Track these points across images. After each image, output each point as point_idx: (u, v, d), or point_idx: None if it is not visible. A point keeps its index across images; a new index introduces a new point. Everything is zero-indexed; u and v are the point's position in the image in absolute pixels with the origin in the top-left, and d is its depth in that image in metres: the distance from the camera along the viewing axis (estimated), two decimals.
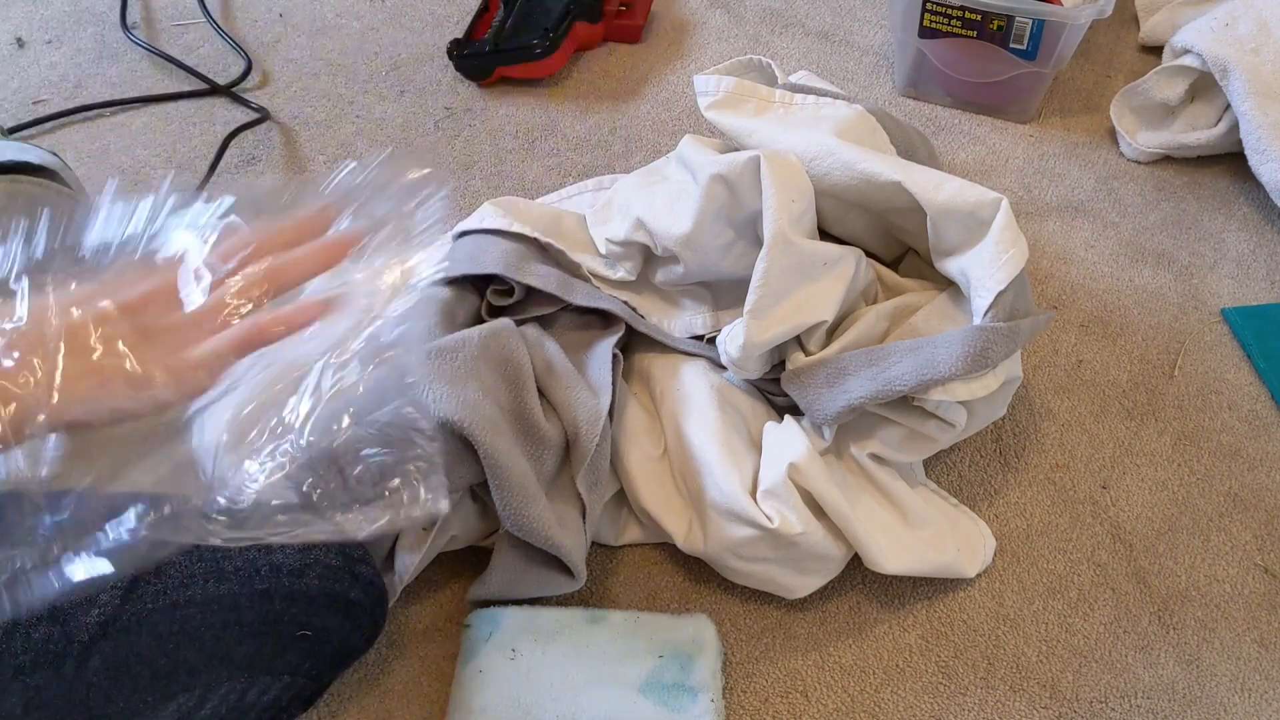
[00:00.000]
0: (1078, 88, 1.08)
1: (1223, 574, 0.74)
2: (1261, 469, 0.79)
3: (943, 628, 0.72)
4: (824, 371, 0.72)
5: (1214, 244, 0.94)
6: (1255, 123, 0.91)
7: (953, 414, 0.70)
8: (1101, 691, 0.69)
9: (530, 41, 1.07)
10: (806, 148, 0.77)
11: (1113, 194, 0.99)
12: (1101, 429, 0.82)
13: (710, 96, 0.84)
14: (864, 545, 0.69)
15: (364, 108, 1.10)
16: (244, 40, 1.18)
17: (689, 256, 0.77)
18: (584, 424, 0.70)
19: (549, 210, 0.86)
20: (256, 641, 0.59)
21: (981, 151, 1.03)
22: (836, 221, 0.82)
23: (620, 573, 0.75)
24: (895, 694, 0.69)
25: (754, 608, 0.73)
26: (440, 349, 0.69)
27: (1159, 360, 0.86)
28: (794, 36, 1.15)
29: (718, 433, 0.72)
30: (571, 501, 0.71)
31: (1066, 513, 0.77)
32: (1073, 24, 0.93)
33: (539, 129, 1.06)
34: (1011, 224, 0.71)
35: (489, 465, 0.64)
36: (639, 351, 0.82)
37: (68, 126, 1.09)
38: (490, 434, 0.65)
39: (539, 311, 0.79)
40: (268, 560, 0.60)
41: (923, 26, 1.00)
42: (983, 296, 0.70)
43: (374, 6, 1.22)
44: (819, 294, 0.73)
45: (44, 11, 1.23)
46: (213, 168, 1.01)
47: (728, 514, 0.69)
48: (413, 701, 0.69)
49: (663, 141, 1.05)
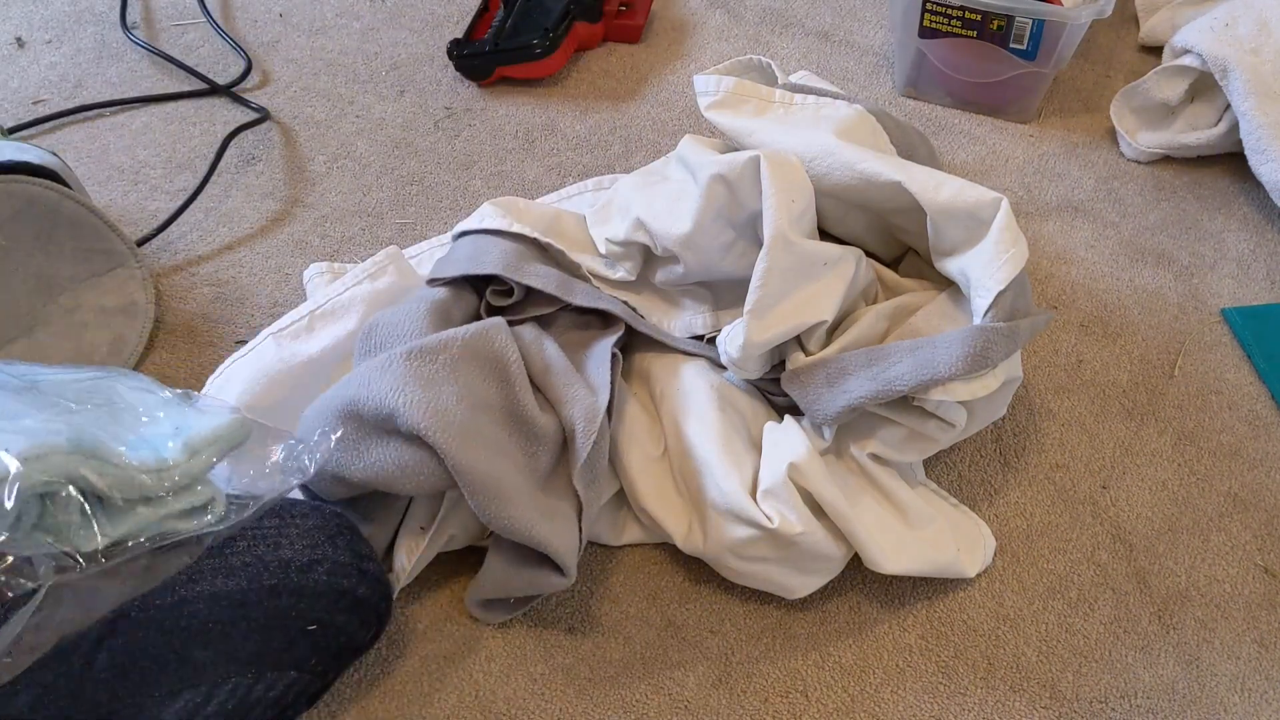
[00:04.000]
0: (1078, 88, 1.08)
1: (1223, 574, 0.74)
2: (1261, 469, 0.79)
3: (943, 628, 0.72)
4: (824, 371, 0.72)
5: (1214, 244, 0.94)
6: (1255, 123, 0.91)
7: (953, 414, 0.70)
8: (1101, 691, 0.69)
9: (530, 41, 1.07)
10: (806, 148, 0.77)
11: (1113, 194, 0.99)
12: (1101, 429, 0.82)
13: (710, 96, 0.84)
14: (864, 545, 0.69)
15: (364, 108, 1.10)
16: (244, 40, 1.18)
17: (689, 256, 0.77)
18: (581, 421, 0.70)
19: (549, 210, 0.86)
20: (264, 637, 0.60)
21: (981, 151, 1.03)
22: (836, 221, 0.82)
23: (620, 573, 0.75)
24: (895, 694, 0.69)
25: (754, 608, 0.73)
26: (421, 350, 0.69)
27: (1159, 360, 0.86)
28: (794, 36, 1.15)
29: (718, 433, 0.72)
30: (568, 498, 0.70)
31: (1066, 513, 0.77)
32: (1073, 24, 0.93)
33: (539, 129, 1.07)
34: (1011, 224, 0.71)
35: (455, 472, 0.64)
36: (639, 351, 0.82)
37: (68, 126, 1.09)
38: (455, 440, 0.64)
39: (538, 311, 0.79)
40: (276, 556, 0.60)
41: (923, 26, 1.00)
42: (983, 296, 0.70)
43: (374, 6, 1.22)
44: (819, 294, 0.73)
45: (44, 11, 1.23)
46: (213, 168, 1.01)
47: (728, 514, 0.69)
48: (413, 701, 0.69)
49: (663, 141, 1.05)
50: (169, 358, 0.88)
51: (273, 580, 0.59)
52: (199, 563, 0.58)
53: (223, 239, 0.97)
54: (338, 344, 0.77)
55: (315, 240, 0.97)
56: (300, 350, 0.77)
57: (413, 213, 0.99)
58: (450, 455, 0.64)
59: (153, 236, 0.96)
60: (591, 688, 0.70)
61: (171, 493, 0.53)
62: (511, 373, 0.71)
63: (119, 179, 1.03)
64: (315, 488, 0.68)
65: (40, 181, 0.82)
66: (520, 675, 0.71)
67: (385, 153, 1.05)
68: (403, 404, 0.64)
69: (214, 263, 0.96)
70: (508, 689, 0.70)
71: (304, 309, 0.79)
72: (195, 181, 1.01)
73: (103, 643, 0.54)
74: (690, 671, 0.71)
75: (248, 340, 0.79)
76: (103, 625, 0.54)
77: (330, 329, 0.78)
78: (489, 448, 0.66)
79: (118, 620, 0.55)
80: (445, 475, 0.65)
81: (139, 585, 0.54)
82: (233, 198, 1.01)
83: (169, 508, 0.54)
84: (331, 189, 1.02)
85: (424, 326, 0.73)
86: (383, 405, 0.65)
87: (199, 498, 0.55)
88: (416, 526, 0.71)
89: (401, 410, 0.64)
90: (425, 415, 0.64)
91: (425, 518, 0.71)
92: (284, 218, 0.99)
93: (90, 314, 0.86)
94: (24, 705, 0.53)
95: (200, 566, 0.58)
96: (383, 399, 0.65)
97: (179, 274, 0.95)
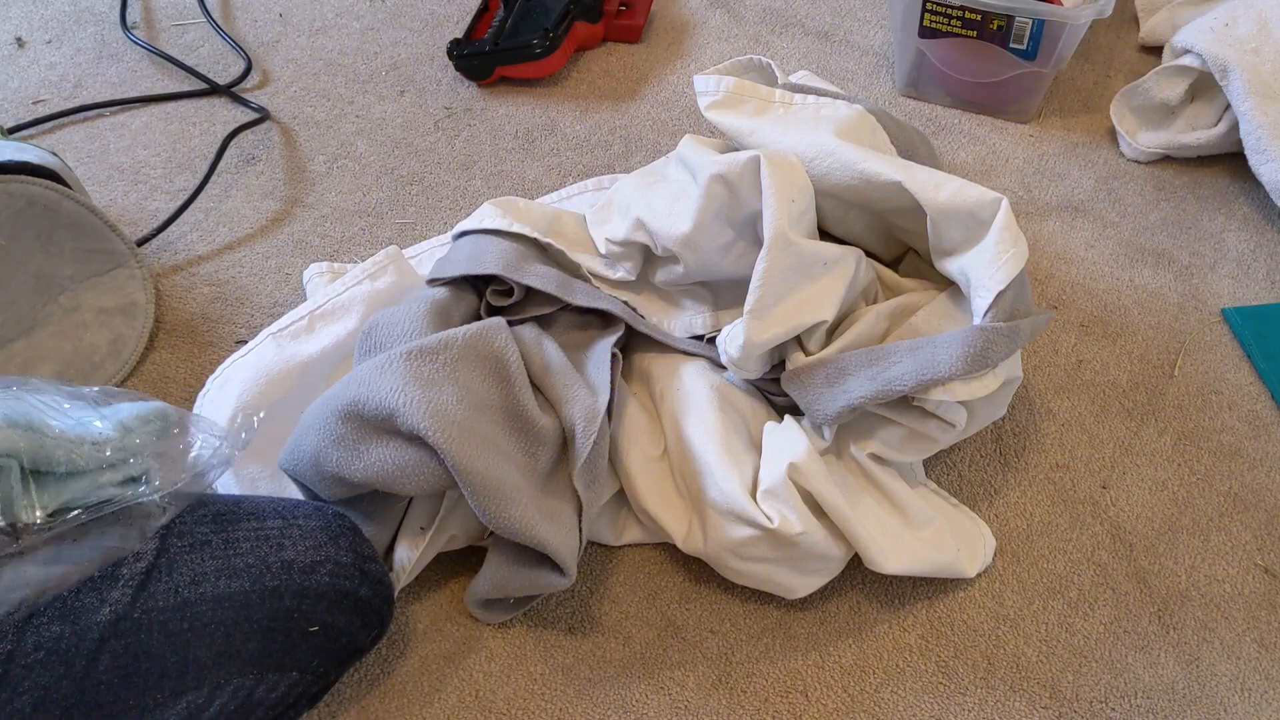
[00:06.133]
0: (1078, 88, 1.08)
1: (1223, 574, 0.74)
2: (1261, 469, 0.79)
3: (943, 628, 0.72)
4: (824, 371, 0.72)
5: (1214, 244, 0.94)
6: (1255, 123, 0.91)
7: (953, 414, 0.70)
8: (1101, 691, 0.69)
9: (530, 41, 1.07)
10: (806, 148, 0.77)
11: (1113, 194, 0.99)
12: (1101, 429, 0.82)
13: (710, 96, 0.84)
14: (864, 545, 0.69)
15: (364, 108, 1.10)
16: (244, 40, 1.18)
17: (689, 256, 0.77)
18: (580, 421, 0.70)
19: (549, 210, 0.86)
20: (266, 638, 0.60)
21: (981, 151, 1.03)
22: (837, 221, 0.82)
23: (620, 573, 0.75)
24: (895, 694, 0.69)
25: (754, 608, 0.73)
26: (421, 350, 0.69)
27: (1159, 360, 0.86)
28: (794, 36, 1.15)
29: (718, 433, 0.72)
30: (568, 498, 0.70)
31: (1066, 513, 0.77)
32: (1073, 24, 0.93)
33: (539, 129, 1.07)
34: (1011, 224, 0.71)
35: (455, 472, 0.64)
36: (639, 351, 0.82)
37: (68, 126, 1.09)
38: (457, 441, 0.64)
39: (538, 311, 0.79)
40: (279, 557, 0.60)
41: (923, 26, 1.00)
42: (983, 296, 0.70)
43: (374, 6, 1.22)
44: (819, 294, 0.73)
45: (44, 11, 1.23)
46: (213, 168, 1.01)
47: (728, 514, 0.69)
48: (413, 701, 0.69)
49: (663, 141, 1.05)
50: (169, 358, 0.88)
51: (275, 582, 0.59)
52: (202, 564, 0.58)
53: (223, 239, 0.97)
54: (338, 344, 0.77)
55: (315, 240, 0.97)
56: (300, 350, 0.77)
57: (413, 213, 0.99)
58: (450, 455, 0.64)
59: (153, 236, 0.96)
60: (591, 688, 0.70)
61: (108, 466, 0.55)
62: (511, 373, 0.71)
63: (119, 179, 1.03)
64: (315, 488, 0.68)
65: (40, 181, 0.82)
66: (520, 675, 0.71)
67: (385, 153, 1.05)
68: (403, 404, 0.64)
69: (214, 263, 0.96)
70: (508, 689, 0.70)
71: (304, 309, 0.79)
72: (195, 181, 1.01)
73: (105, 645, 0.54)
74: (690, 671, 0.71)
75: (248, 340, 0.79)
76: (105, 627, 0.54)
77: (330, 329, 0.78)
78: (489, 448, 0.66)
79: (120, 622, 0.55)
80: (445, 475, 0.65)
81: (80, 569, 0.55)
82: (233, 198, 1.01)
83: (105, 477, 0.55)
84: (331, 189, 1.02)
85: (424, 326, 0.73)
86: (383, 405, 0.65)
87: (134, 469, 0.56)
88: (416, 526, 0.71)
89: (401, 410, 0.64)
90: (425, 415, 0.64)
91: (425, 518, 0.71)
92: (284, 218, 0.99)
93: (90, 314, 0.86)
94: (25, 708, 0.53)
95: (203, 568, 0.58)
96: (383, 399, 0.65)
97: (179, 274, 0.95)
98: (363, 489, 0.67)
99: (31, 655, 0.53)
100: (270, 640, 0.60)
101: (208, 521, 0.60)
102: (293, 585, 0.60)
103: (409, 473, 0.65)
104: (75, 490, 0.54)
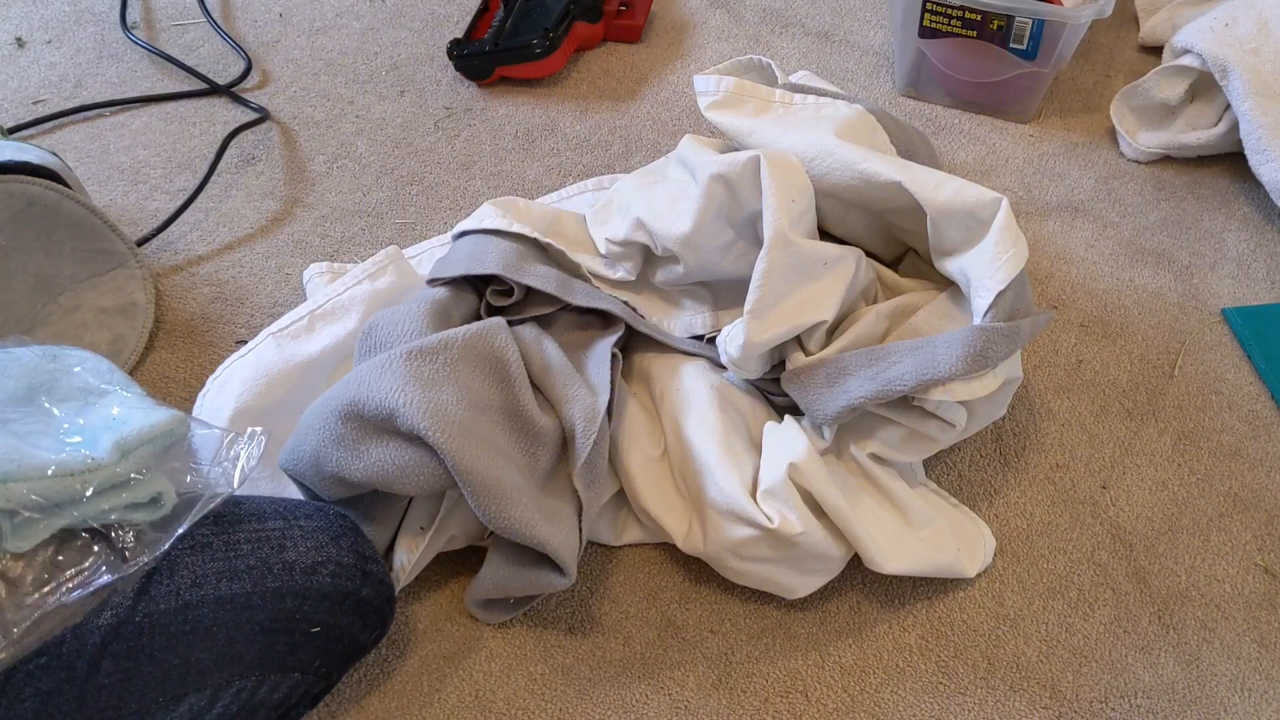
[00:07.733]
0: (1078, 88, 1.08)
1: (1223, 574, 0.74)
2: (1261, 469, 0.79)
3: (943, 628, 0.72)
4: (824, 371, 0.72)
5: (1214, 244, 0.94)
6: (1255, 123, 0.91)
7: (953, 414, 0.70)
8: (1101, 691, 0.69)
9: (530, 41, 1.07)
10: (806, 148, 0.77)
11: (1113, 194, 0.99)
12: (1101, 429, 0.82)
13: (710, 96, 0.84)
14: (864, 545, 0.69)
15: (364, 108, 1.10)
16: (244, 40, 1.18)
17: (689, 256, 0.77)
18: (580, 421, 0.70)
19: (549, 210, 0.86)
20: (268, 640, 0.59)
21: (981, 151, 1.03)
22: (836, 221, 0.82)
23: (620, 573, 0.75)
24: (895, 694, 0.69)
25: (754, 608, 0.73)
26: (421, 350, 0.69)
27: (1159, 360, 0.86)
28: (794, 36, 1.15)
29: (718, 433, 0.72)
30: (568, 498, 0.70)
31: (1066, 513, 0.77)
32: (1073, 24, 0.93)
33: (539, 129, 1.07)
34: (1011, 224, 0.71)
35: (455, 472, 0.64)
36: (639, 351, 0.82)
37: (67, 126, 1.09)
38: (456, 440, 0.64)
39: (538, 311, 0.79)
40: (281, 558, 0.60)
41: (923, 26, 1.00)
42: (983, 296, 0.70)
43: (374, 6, 1.22)
44: (819, 294, 0.73)
45: (44, 11, 1.23)
46: (213, 168, 1.01)
47: (728, 514, 0.69)
48: (413, 701, 0.70)
49: (663, 141, 1.05)
50: (169, 358, 0.88)
51: (277, 583, 0.59)
52: (204, 566, 0.58)
53: (223, 239, 0.97)
54: (338, 344, 0.77)
55: (315, 240, 0.97)
56: (300, 350, 0.77)
57: (413, 213, 0.99)
58: (450, 455, 0.64)
59: (153, 236, 0.96)
60: (591, 688, 0.70)
61: (99, 492, 0.53)
62: (511, 373, 0.71)
63: (119, 179, 1.03)
64: (315, 488, 0.68)
65: (40, 181, 0.82)
66: (520, 675, 0.71)
67: (385, 153, 1.05)
68: (403, 404, 0.64)
69: (214, 263, 0.96)
70: (508, 689, 0.70)
71: (304, 309, 0.79)
72: (195, 181, 1.01)
73: (107, 648, 0.54)
74: (690, 671, 0.71)
75: (248, 340, 0.79)
76: (106, 631, 0.54)
77: (330, 329, 0.78)
78: (489, 448, 0.66)
79: (121, 626, 0.55)
80: (445, 475, 0.65)
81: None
82: (233, 198, 1.01)
83: (107, 503, 0.54)
84: (331, 189, 1.02)
85: (424, 326, 0.73)
86: (383, 405, 0.65)
87: (144, 492, 0.55)
88: (417, 526, 0.71)
89: (402, 410, 0.64)
90: (425, 415, 0.64)
91: (425, 518, 0.71)
92: (284, 218, 0.99)
93: (90, 314, 0.86)
94: (28, 712, 0.52)
95: (205, 570, 0.58)
96: (383, 399, 0.65)
97: (179, 274, 0.95)
98: (363, 489, 0.67)
99: (33, 661, 0.53)
100: (272, 642, 0.60)
101: (208, 523, 0.60)
102: (294, 586, 0.60)
103: (409, 473, 0.65)
104: (60, 521, 0.52)
